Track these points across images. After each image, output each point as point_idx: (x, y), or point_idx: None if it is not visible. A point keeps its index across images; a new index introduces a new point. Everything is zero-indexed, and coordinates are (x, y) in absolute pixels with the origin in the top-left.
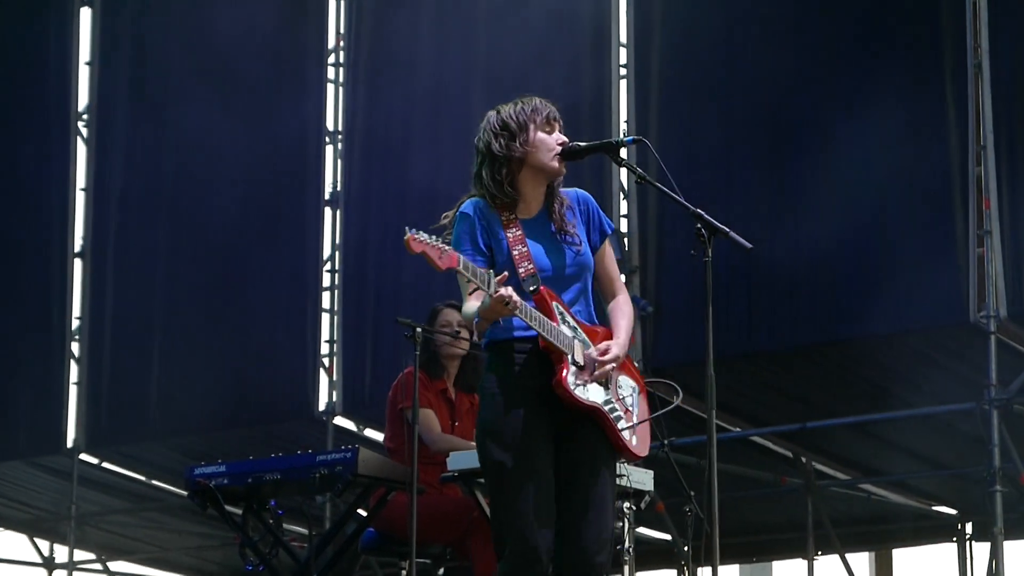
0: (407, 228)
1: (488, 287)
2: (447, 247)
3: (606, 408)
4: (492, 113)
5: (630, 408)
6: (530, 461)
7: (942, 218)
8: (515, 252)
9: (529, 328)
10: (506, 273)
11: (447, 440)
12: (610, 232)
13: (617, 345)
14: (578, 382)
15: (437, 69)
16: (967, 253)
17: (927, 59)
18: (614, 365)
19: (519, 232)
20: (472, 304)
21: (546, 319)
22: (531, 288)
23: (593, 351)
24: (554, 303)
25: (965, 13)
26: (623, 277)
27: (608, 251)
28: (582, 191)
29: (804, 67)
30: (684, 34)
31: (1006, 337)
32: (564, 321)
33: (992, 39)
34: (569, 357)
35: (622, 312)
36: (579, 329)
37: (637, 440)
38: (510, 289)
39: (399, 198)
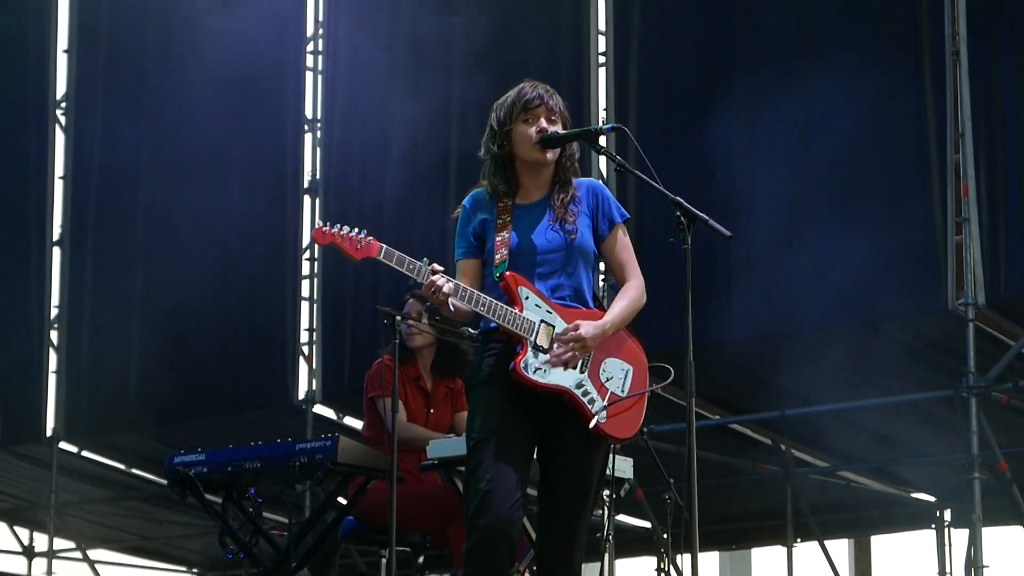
0: (318, 221)
1: (418, 275)
2: (368, 238)
3: (577, 391)
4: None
5: (614, 390)
6: (499, 440)
7: (920, 205)
8: (498, 239)
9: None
10: (438, 267)
11: (409, 428)
12: (620, 221)
13: (590, 325)
14: (539, 366)
15: (415, 58)
16: (945, 240)
17: (905, 46)
18: (577, 345)
19: (508, 219)
20: None
21: (499, 305)
22: (496, 276)
23: (560, 333)
24: (520, 288)
25: (943, 0)
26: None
27: (619, 239)
28: (594, 181)
29: (783, 55)
30: (663, 22)
31: (984, 324)
32: (533, 306)
33: (970, 26)
34: (529, 341)
35: (623, 295)
36: (554, 312)
37: (611, 420)
38: (439, 277)
39: (378, 185)
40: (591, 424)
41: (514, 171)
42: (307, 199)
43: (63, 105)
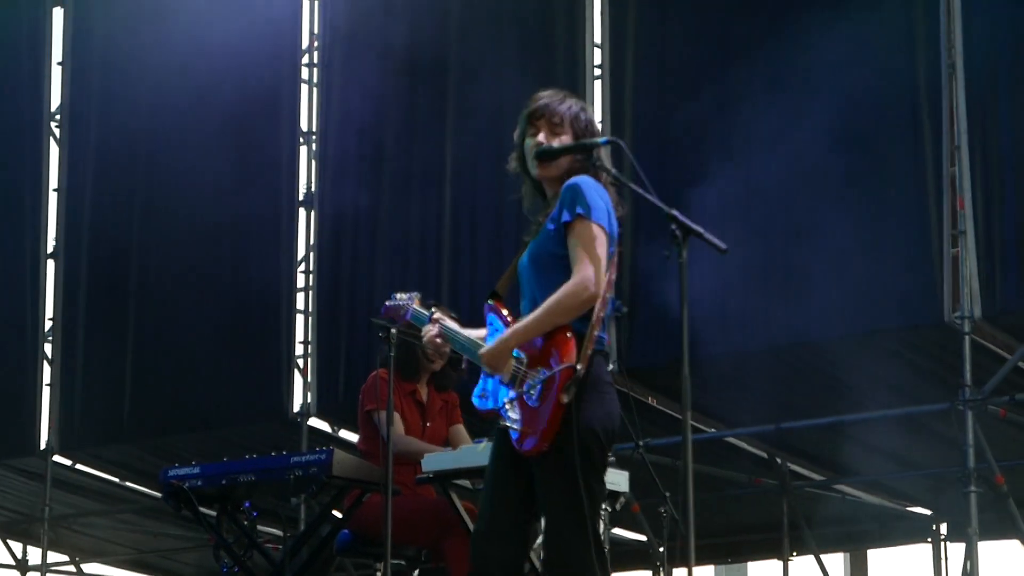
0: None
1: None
2: (403, 303)
3: (500, 409)
4: None
5: (531, 402)
6: (490, 480)
7: (916, 218)
8: None
9: None
10: (436, 316)
11: (406, 442)
12: (568, 219)
13: (492, 343)
14: (486, 393)
15: (410, 71)
16: (941, 253)
17: (900, 59)
18: (487, 363)
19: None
20: None
21: (464, 335)
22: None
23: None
24: (489, 315)
25: (939, 13)
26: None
27: (569, 239)
28: (572, 180)
29: (777, 70)
30: (659, 34)
31: (980, 338)
32: (493, 331)
33: (966, 39)
34: (484, 369)
35: (546, 300)
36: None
37: (520, 432)
38: (426, 327)
39: (374, 198)
40: (512, 433)
41: (541, 185)
42: (302, 211)
43: (57, 117)
